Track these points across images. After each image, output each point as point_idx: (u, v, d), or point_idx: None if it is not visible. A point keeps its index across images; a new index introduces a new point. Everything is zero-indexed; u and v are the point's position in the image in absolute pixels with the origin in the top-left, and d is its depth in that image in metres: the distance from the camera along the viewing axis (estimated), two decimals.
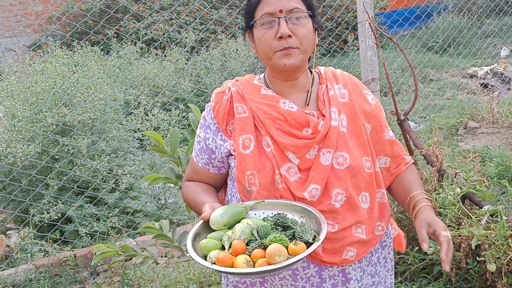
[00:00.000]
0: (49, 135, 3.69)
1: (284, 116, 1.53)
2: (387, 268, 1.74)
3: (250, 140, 1.54)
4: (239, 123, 1.55)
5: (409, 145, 3.18)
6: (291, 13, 1.47)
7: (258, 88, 1.60)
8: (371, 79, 4.32)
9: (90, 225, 3.64)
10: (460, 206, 2.52)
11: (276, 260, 1.29)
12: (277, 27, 1.47)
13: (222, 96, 1.61)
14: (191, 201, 1.65)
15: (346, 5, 8.18)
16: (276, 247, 1.30)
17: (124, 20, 6.73)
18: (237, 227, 1.39)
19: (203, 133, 1.63)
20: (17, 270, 3.20)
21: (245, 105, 1.57)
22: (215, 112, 1.60)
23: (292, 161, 1.52)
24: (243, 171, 1.53)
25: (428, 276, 2.82)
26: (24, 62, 4.71)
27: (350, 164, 1.53)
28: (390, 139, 1.70)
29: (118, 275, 3.29)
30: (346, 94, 1.62)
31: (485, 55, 8.49)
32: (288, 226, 1.42)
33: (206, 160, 1.63)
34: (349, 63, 7.87)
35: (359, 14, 4.25)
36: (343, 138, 1.55)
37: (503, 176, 3.96)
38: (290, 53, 1.48)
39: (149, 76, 5.83)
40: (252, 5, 1.52)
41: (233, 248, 1.33)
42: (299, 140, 1.51)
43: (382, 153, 1.69)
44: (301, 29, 1.49)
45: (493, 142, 4.99)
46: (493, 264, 2.29)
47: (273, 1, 1.48)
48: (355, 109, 1.60)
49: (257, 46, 1.55)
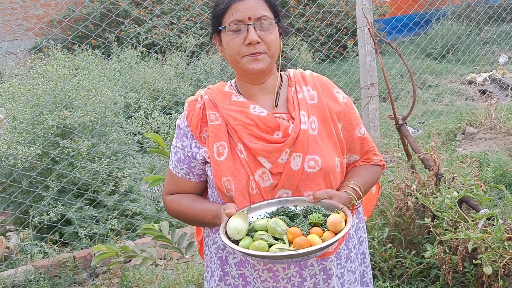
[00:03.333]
0: (50, 137, 3.71)
1: (255, 121, 1.56)
2: (366, 264, 1.78)
3: (224, 147, 1.57)
4: (212, 131, 1.58)
5: (407, 149, 3.22)
6: (259, 20, 1.52)
7: (229, 95, 1.63)
8: (370, 84, 4.35)
9: (89, 227, 3.65)
10: (457, 209, 2.55)
11: (342, 226, 1.38)
12: (245, 34, 1.51)
13: (195, 104, 1.64)
14: (188, 212, 1.64)
15: (345, 11, 8.23)
16: (335, 216, 1.40)
17: (125, 24, 6.77)
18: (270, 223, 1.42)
19: (180, 142, 1.65)
20: (17, 271, 3.21)
21: (217, 112, 1.61)
22: (189, 120, 1.63)
23: (265, 166, 1.54)
24: (219, 178, 1.56)
25: (425, 280, 2.83)
26: (26, 65, 4.74)
27: (322, 166, 1.56)
28: (361, 136, 1.72)
29: (117, 276, 3.30)
30: (316, 95, 1.65)
31: (483, 62, 8.54)
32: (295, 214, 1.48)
33: (186, 170, 1.65)
34: (348, 68, 7.91)
35: (358, 19, 4.29)
36: (313, 141, 1.57)
37: (500, 181, 3.98)
38: (258, 58, 1.53)
39: (149, 80, 5.87)
40: (221, 10, 1.55)
41: (293, 234, 1.38)
42: (270, 144, 1.54)
43: (352, 151, 1.72)
44: (268, 36, 1.53)
45: (490, 148, 5.02)
46: (490, 267, 2.31)
47: (242, 8, 1.51)
48: (325, 111, 1.63)
49: (225, 50, 1.58)
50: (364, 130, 1.74)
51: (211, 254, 1.71)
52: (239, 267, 1.63)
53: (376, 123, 4.68)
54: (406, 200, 2.92)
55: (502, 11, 9.02)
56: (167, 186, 1.72)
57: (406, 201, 2.93)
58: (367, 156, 1.75)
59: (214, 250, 1.69)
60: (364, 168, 1.74)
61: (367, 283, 1.78)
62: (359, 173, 1.71)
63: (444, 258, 2.61)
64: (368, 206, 1.92)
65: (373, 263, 2.95)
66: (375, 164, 1.76)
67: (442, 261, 2.62)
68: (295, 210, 1.50)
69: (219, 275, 1.68)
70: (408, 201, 2.91)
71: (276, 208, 1.51)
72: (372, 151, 1.76)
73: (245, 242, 1.40)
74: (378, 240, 2.96)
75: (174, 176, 1.68)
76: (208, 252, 1.74)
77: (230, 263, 1.64)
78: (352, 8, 8.47)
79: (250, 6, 1.51)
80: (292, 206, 1.51)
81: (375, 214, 3.16)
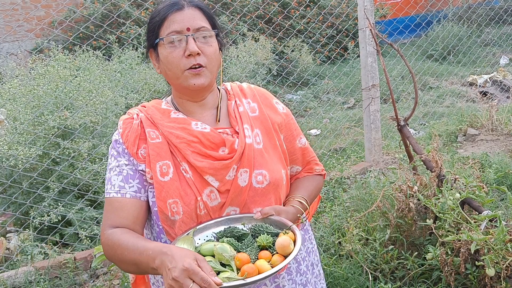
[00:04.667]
0: (51, 138, 3.71)
1: (198, 138, 1.48)
2: (315, 274, 1.74)
3: (168, 166, 1.46)
4: (153, 149, 1.47)
5: (409, 150, 3.21)
6: (198, 31, 1.46)
7: (167, 112, 1.53)
8: (372, 85, 4.35)
9: (90, 228, 3.64)
10: (460, 211, 2.53)
11: (291, 249, 1.35)
12: (185, 45, 1.44)
13: (132, 121, 1.53)
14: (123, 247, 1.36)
15: (346, 13, 8.23)
16: (284, 239, 1.36)
17: (126, 25, 6.77)
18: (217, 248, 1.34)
19: (123, 160, 1.49)
20: (17, 272, 3.21)
21: (157, 130, 1.50)
22: (124, 137, 1.50)
23: (212, 185, 1.47)
24: (164, 200, 1.44)
25: (427, 281, 2.82)
26: (26, 66, 4.74)
27: (271, 181, 1.52)
28: (302, 147, 1.70)
29: (118, 278, 3.29)
30: (256, 107, 1.61)
31: (484, 64, 8.54)
32: (243, 233, 1.42)
33: (136, 186, 1.47)
34: (349, 70, 7.91)
35: (360, 20, 4.28)
36: (259, 155, 1.53)
37: (502, 183, 3.98)
38: (199, 72, 1.45)
39: (150, 81, 5.86)
40: (157, 22, 1.48)
41: (240, 261, 1.32)
42: (217, 162, 1.47)
43: (294, 162, 1.69)
44: (208, 48, 1.47)
45: (492, 149, 5.01)
46: (492, 269, 2.30)
47: (180, 19, 1.45)
48: (267, 123, 1.59)
49: (163, 65, 1.49)
50: (304, 140, 1.72)
51: (158, 283, 1.60)
52: None
53: (378, 124, 4.68)
54: (408, 202, 2.91)
55: (503, 13, 9.03)
56: (108, 218, 1.46)
57: (408, 202, 2.91)
58: (309, 166, 1.73)
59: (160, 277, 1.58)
60: (307, 179, 1.71)
61: None
62: (304, 185, 1.68)
63: (446, 259, 2.60)
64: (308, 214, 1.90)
65: (374, 264, 2.95)
66: (317, 173, 1.75)
67: (444, 263, 2.61)
68: (243, 229, 1.44)
69: None
70: (410, 202, 2.90)
71: (224, 228, 1.44)
72: (313, 161, 1.74)
73: None
74: (379, 242, 2.95)
75: (118, 201, 1.45)
76: (154, 281, 1.62)
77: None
78: (353, 10, 8.48)
79: (188, 17, 1.45)
80: (240, 225, 1.45)
81: (376, 215, 3.15)
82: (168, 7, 1.47)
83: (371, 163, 4.73)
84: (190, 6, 1.47)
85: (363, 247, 3.01)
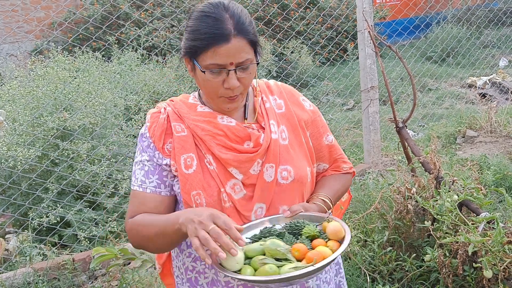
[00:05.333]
0: (50, 139, 3.71)
1: (224, 131, 1.50)
2: (341, 275, 1.75)
3: (192, 159, 1.49)
4: (178, 142, 1.50)
5: (407, 152, 3.21)
6: (241, 65, 1.42)
7: (194, 106, 1.56)
8: (370, 87, 4.35)
9: (89, 229, 3.65)
10: (457, 213, 2.54)
11: (343, 233, 1.38)
12: (225, 76, 1.42)
13: (158, 115, 1.55)
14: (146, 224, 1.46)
15: (346, 14, 8.24)
16: (334, 224, 1.40)
17: (126, 27, 6.78)
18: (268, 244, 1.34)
19: (146, 155, 1.53)
20: (16, 273, 3.21)
21: (183, 124, 1.53)
22: (151, 131, 1.53)
23: (236, 177, 1.48)
24: (188, 192, 1.47)
25: (425, 283, 2.83)
26: (26, 67, 4.75)
27: (295, 177, 1.52)
28: (329, 144, 1.69)
29: (116, 279, 3.29)
30: (283, 104, 1.62)
31: (483, 65, 8.55)
32: (280, 232, 1.42)
33: (156, 181, 1.51)
34: (349, 72, 7.92)
35: (358, 22, 4.29)
36: (285, 151, 1.53)
37: (501, 185, 3.98)
38: (235, 100, 1.47)
39: (149, 82, 5.87)
40: (198, 48, 1.41)
41: (300, 251, 1.34)
42: (241, 154, 1.48)
43: (321, 159, 1.68)
44: (248, 76, 1.45)
45: (491, 151, 5.02)
46: (490, 271, 2.30)
47: (224, 52, 1.39)
48: (294, 120, 1.60)
49: (199, 82, 1.48)
50: (331, 137, 1.70)
51: (182, 276, 1.61)
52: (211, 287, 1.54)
53: (376, 126, 4.69)
54: (406, 203, 2.92)
55: (502, 15, 9.05)
56: (131, 211, 1.53)
57: (406, 204, 2.92)
58: (336, 164, 1.72)
59: (183, 271, 1.60)
60: (334, 178, 1.70)
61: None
62: (329, 184, 1.67)
63: (444, 261, 2.61)
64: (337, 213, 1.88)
65: (373, 266, 2.95)
66: (345, 172, 1.73)
67: (442, 265, 2.61)
68: (279, 229, 1.44)
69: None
70: (408, 204, 2.91)
71: (259, 230, 1.44)
72: (341, 158, 1.72)
73: (247, 271, 1.30)
74: (378, 244, 2.96)
75: (140, 194, 1.51)
76: (178, 274, 1.64)
77: (201, 283, 1.56)
78: (352, 12, 8.49)
79: (233, 50, 1.39)
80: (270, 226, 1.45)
81: (375, 217, 3.15)
82: (213, 37, 1.39)
83: (370, 165, 4.73)
84: (236, 36, 1.40)
85: (361, 249, 3.02)
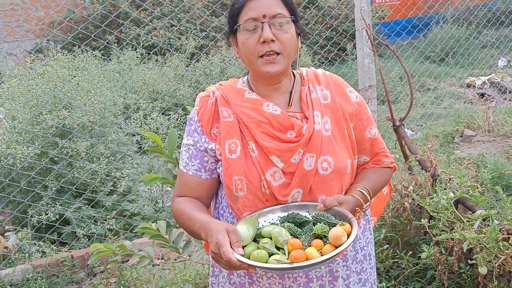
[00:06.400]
0: (49, 137, 3.73)
1: (268, 119, 1.54)
2: (371, 265, 1.77)
3: (236, 144, 1.54)
4: (224, 127, 1.55)
5: (404, 150, 3.23)
6: (274, 18, 1.49)
7: (242, 92, 1.60)
8: (368, 86, 4.37)
9: (87, 227, 3.66)
10: (453, 210, 2.56)
11: (343, 240, 1.37)
12: (260, 32, 1.49)
13: (207, 100, 1.61)
14: (184, 217, 1.58)
15: (345, 14, 8.26)
16: (337, 230, 1.39)
17: (125, 26, 6.79)
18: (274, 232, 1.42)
19: (191, 139, 1.61)
20: (15, 270, 3.23)
21: (229, 109, 1.58)
22: (200, 115, 1.60)
23: (277, 165, 1.52)
24: (230, 176, 1.53)
25: (422, 280, 2.85)
26: (25, 66, 4.77)
27: (335, 168, 1.54)
28: (371, 137, 1.69)
29: (115, 276, 3.31)
30: (329, 95, 1.63)
31: (482, 65, 8.56)
32: (305, 221, 1.48)
33: (197, 165, 1.60)
34: (347, 71, 7.93)
35: (356, 21, 4.30)
36: (327, 142, 1.55)
37: (497, 183, 4.00)
38: (273, 61, 1.50)
39: (149, 81, 5.89)
40: (236, 10, 1.53)
41: (292, 246, 1.38)
42: (283, 144, 1.52)
43: (362, 152, 1.69)
44: (284, 35, 1.50)
45: (488, 150, 5.04)
46: (485, 267, 2.32)
47: (256, 6, 1.49)
48: (338, 111, 1.61)
49: (241, 50, 1.56)
50: (375, 131, 1.70)
51: None
52: None
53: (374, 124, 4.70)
54: (403, 201, 2.94)
55: (501, 15, 9.06)
56: (177, 189, 1.67)
57: (403, 202, 2.94)
58: (377, 158, 1.72)
59: None
60: (373, 171, 1.70)
61: (371, 284, 1.76)
62: (368, 176, 1.68)
63: (440, 258, 2.62)
64: (379, 207, 1.91)
65: None
66: (386, 166, 1.73)
67: (438, 262, 2.63)
68: (306, 217, 1.49)
69: (225, 272, 1.67)
70: (405, 202, 2.92)
71: (287, 214, 1.51)
72: (382, 152, 1.72)
73: (248, 249, 1.40)
74: (375, 241, 2.97)
75: (184, 175, 1.63)
76: None
77: None
78: (351, 11, 8.50)
79: (265, 4, 1.49)
80: (305, 212, 1.50)
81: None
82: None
83: None
84: None
85: None
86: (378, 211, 1.91)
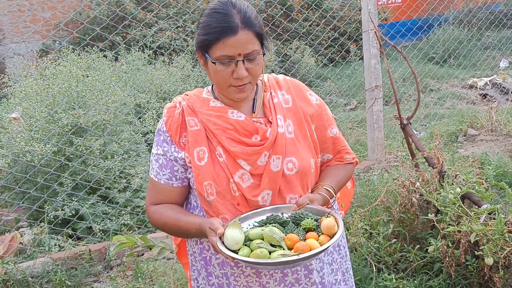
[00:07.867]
0: (66, 135, 3.82)
1: (234, 126, 1.61)
2: (342, 255, 1.86)
3: (204, 152, 1.61)
4: (192, 136, 1.62)
5: (411, 148, 3.32)
6: (248, 55, 1.52)
7: (207, 101, 1.67)
8: (375, 86, 4.47)
9: (103, 222, 3.76)
10: (460, 204, 2.64)
11: (335, 229, 1.49)
12: (234, 67, 1.52)
13: (174, 110, 1.67)
14: (171, 223, 1.65)
15: (350, 16, 8.35)
16: (329, 220, 1.51)
17: (131, 28, 6.88)
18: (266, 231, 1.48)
19: (161, 149, 1.67)
20: (35, 263, 3.33)
21: (196, 118, 1.64)
22: (168, 126, 1.66)
23: (244, 168, 1.60)
24: (201, 182, 1.60)
25: (429, 273, 2.92)
26: (38, 66, 4.86)
27: (299, 168, 1.64)
28: (333, 136, 1.80)
29: (131, 269, 3.41)
30: (290, 99, 1.72)
31: (484, 67, 8.65)
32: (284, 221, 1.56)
33: (168, 175, 1.66)
34: (351, 72, 8.03)
35: (364, 23, 4.41)
36: (291, 144, 1.64)
37: (501, 181, 4.08)
38: (244, 89, 1.57)
39: (156, 82, 5.98)
40: (209, 41, 1.52)
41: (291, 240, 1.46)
42: (249, 147, 1.60)
43: (325, 150, 1.80)
44: (255, 67, 1.55)
45: (491, 149, 5.13)
46: (491, 258, 2.41)
47: (233, 44, 1.49)
48: (300, 114, 1.70)
49: (211, 74, 1.59)
50: (336, 130, 1.81)
51: (195, 254, 1.76)
52: (222, 267, 1.68)
53: (380, 124, 4.81)
54: (411, 197, 3.01)
55: (503, 17, 9.15)
56: (149, 196, 1.72)
57: (410, 197, 3.01)
58: (340, 155, 1.83)
59: (198, 250, 1.74)
60: (337, 168, 1.81)
61: (343, 272, 1.86)
62: (332, 173, 1.79)
63: (447, 251, 2.70)
64: (345, 201, 2.03)
65: (378, 257, 3.05)
66: (348, 162, 1.84)
67: (445, 254, 2.70)
68: (284, 218, 1.57)
69: (203, 274, 1.74)
70: (412, 197, 3.00)
71: (266, 216, 1.58)
72: (344, 150, 1.83)
73: (244, 252, 1.44)
74: (383, 236, 3.06)
75: (156, 184, 1.69)
76: (192, 252, 1.78)
77: (213, 263, 1.70)
78: (355, 13, 8.60)
79: (241, 41, 1.50)
80: (279, 214, 1.58)
81: (380, 210, 3.26)
82: (222, 30, 1.50)
83: (374, 162, 4.85)
84: (243, 29, 1.50)
85: (367, 241, 3.11)
86: (345, 205, 2.03)
